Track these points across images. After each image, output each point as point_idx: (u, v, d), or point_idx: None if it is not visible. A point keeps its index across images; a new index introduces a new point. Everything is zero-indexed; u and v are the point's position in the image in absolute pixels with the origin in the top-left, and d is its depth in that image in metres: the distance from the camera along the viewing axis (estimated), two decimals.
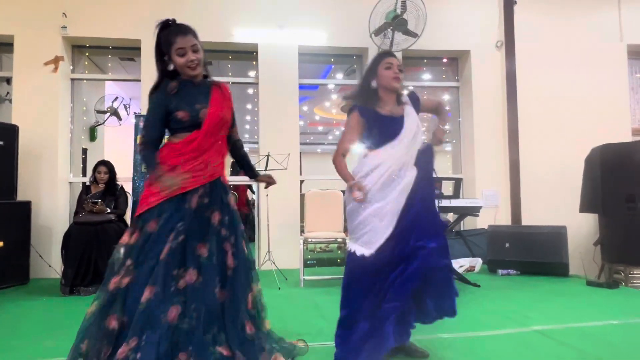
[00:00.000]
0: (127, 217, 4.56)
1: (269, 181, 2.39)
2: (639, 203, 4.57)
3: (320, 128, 13.64)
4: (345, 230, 4.57)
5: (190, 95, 2.03)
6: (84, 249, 3.99)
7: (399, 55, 5.64)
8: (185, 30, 2.02)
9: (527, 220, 5.67)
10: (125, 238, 1.96)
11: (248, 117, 8.19)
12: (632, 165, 4.63)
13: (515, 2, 5.87)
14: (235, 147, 2.28)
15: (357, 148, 2.24)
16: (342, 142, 2.22)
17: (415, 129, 2.15)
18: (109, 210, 4.24)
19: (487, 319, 3.04)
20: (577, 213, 5.21)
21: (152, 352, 1.69)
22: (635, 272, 4.85)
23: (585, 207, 5.08)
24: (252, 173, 2.38)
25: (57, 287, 4.13)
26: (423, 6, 5.18)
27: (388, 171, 2.07)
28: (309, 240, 4.47)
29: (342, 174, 2.19)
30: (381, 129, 2.14)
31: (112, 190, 4.40)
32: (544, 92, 5.90)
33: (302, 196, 5.54)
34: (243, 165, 2.36)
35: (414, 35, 5.30)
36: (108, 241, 4.07)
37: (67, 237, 4.06)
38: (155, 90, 2.05)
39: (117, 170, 4.53)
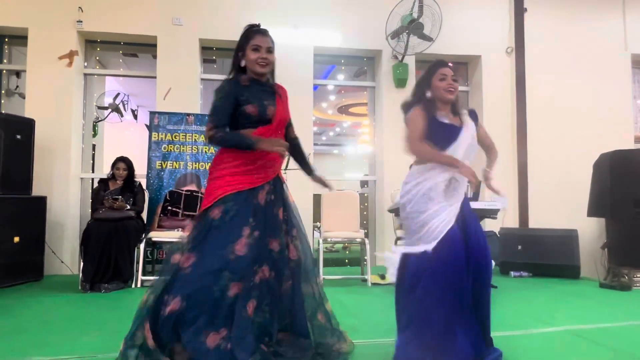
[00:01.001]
0: (144, 214, 4.53)
1: (325, 183, 2.37)
2: None
3: (314, 129, 13.68)
4: (363, 229, 4.62)
5: (259, 92, 2.09)
6: (104, 245, 3.94)
7: (412, 58, 5.73)
8: (265, 32, 2.11)
9: (533, 223, 5.78)
10: (188, 230, 2.01)
11: None
12: None
13: (526, 10, 5.99)
14: (294, 144, 2.32)
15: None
16: (412, 132, 2.14)
17: (471, 140, 2.18)
18: (128, 207, 4.20)
19: (516, 319, 3.10)
20: (581, 217, 5.32)
21: (241, 344, 1.76)
22: (638, 275, 4.99)
23: (594, 211, 5.20)
24: (308, 169, 2.38)
25: (72, 283, 4.10)
26: (439, 10, 5.25)
27: (444, 177, 2.11)
28: (329, 239, 4.49)
29: (436, 157, 2.10)
30: (438, 134, 2.15)
31: (130, 187, 4.37)
32: (552, 98, 6.04)
33: (315, 196, 5.57)
34: (301, 161, 2.40)
35: (429, 39, 5.38)
36: (128, 238, 4.06)
37: (87, 233, 4.00)
38: (228, 80, 2.11)
39: None
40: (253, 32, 2.10)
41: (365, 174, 6.91)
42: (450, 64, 2.31)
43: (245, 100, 2.03)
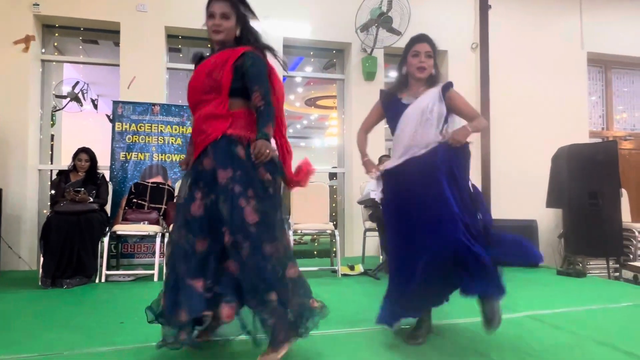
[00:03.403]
0: (108, 207, 4.39)
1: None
2: (601, 200, 4.96)
3: None
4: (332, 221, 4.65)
5: None
6: (66, 239, 3.78)
7: (381, 52, 5.78)
8: None
9: (495, 213, 5.98)
10: None
11: None
12: (595, 164, 5.01)
13: (490, 7, 6.16)
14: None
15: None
16: (364, 121, 2.54)
17: (420, 111, 2.14)
18: (91, 200, 4.06)
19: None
20: (540, 207, 5.56)
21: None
22: (591, 263, 5.29)
23: (552, 202, 5.44)
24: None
25: (32, 279, 3.93)
26: (408, 5, 5.32)
27: (403, 154, 2.18)
28: (298, 231, 4.50)
29: (359, 147, 2.52)
30: (393, 114, 2.23)
31: (93, 178, 4.22)
32: (514, 93, 6.25)
33: (284, 187, 5.55)
34: None
35: (398, 33, 5.44)
36: (91, 231, 3.92)
37: (47, 226, 3.82)
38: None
39: None
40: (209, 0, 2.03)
41: (333, 166, 6.95)
42: (428, 38, 2.29)
43: None
